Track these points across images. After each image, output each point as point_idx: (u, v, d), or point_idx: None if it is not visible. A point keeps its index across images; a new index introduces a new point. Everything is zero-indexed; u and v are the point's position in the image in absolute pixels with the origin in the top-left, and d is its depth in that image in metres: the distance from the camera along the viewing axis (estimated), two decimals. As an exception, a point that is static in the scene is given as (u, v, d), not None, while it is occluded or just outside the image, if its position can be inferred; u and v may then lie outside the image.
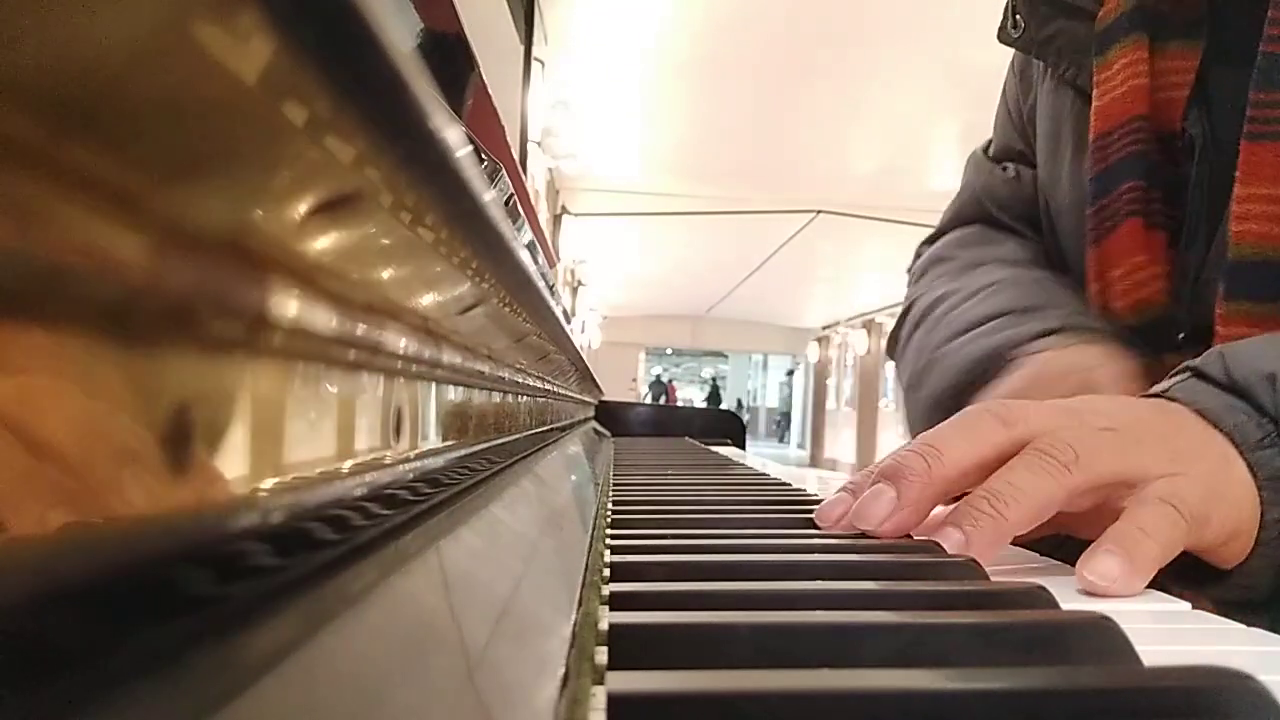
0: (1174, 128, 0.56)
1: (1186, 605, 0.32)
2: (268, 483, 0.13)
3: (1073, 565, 0.38)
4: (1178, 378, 0.41)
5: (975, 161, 0.78)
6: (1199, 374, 0.40)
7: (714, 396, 15.95)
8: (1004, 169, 0.74)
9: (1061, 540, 0.39)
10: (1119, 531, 0.33)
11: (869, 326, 10.46)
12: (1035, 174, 0.70)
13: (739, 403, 16.24)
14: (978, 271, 0.68)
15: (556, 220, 5.89)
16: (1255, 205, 0.48)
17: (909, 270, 0.79)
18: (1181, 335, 0.55)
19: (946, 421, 0.37)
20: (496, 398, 0.39)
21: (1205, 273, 0.53)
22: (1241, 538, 0.36)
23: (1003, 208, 0.74)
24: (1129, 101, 0.57)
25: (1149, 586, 0.33)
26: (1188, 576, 0.37)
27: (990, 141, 0.78)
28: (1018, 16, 0.64)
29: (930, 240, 0.79)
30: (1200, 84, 0.55)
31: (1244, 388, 0.38)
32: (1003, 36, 0.66)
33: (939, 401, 0.59)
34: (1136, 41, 0.57)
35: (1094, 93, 0.59)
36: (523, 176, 2.53)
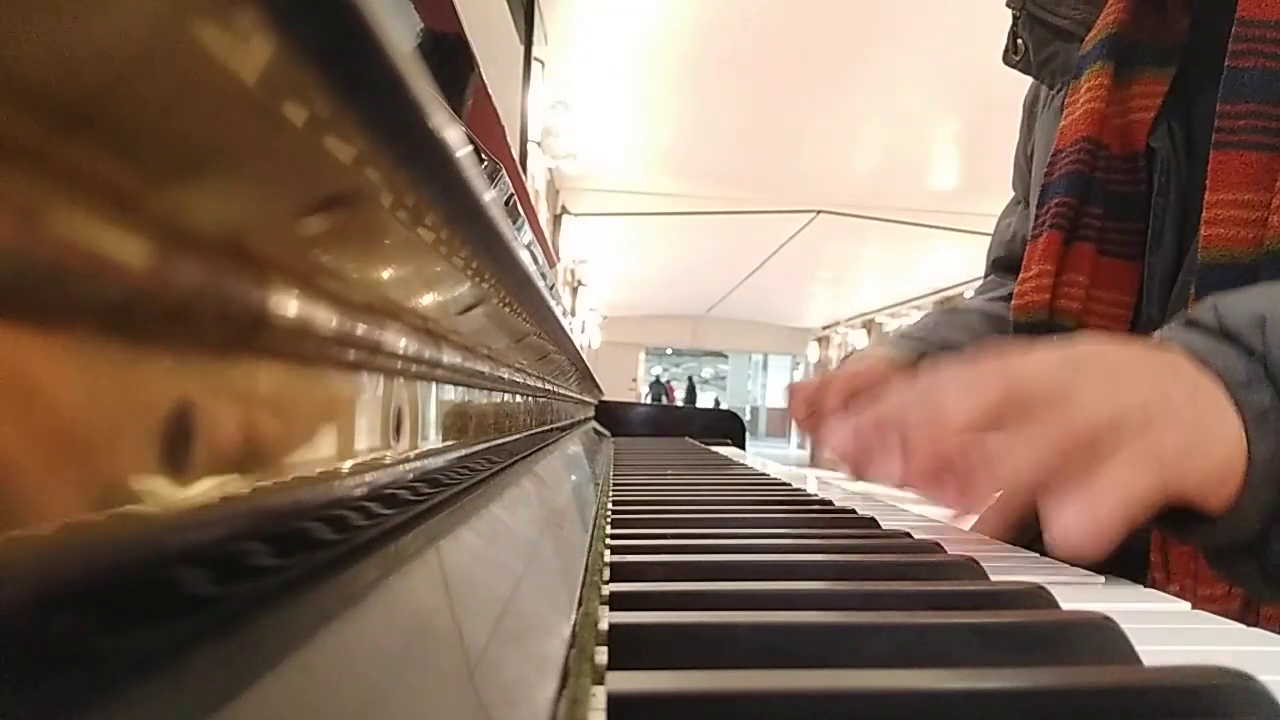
0: (1138, 147, 0.60)
1: (1186, 605, 0.32)
2: (268, 482, 0.13)
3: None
4: (1172, 327, 0.42)
5: (998, 222, 0.89)
6: (1191, 322, 0.41)
7: (690, 395, 15.91)
8: (1009, 223, 0.84)
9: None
10: (1084, 489, 0.33)
11: (869, 326, 10.45)
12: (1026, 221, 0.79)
13: (716, 401, 16.15)
14: (947, 310, 0.85)
15: (556, 220, 5.88)
16: (1222, 210, 0.50)
17: None
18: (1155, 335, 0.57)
19: (952, 371, 0.38)
20: (496, 398, 0.39)
21: (1184, 275, 0.56)
22: (1232, 480, 0.36)
23: (1005, 267, 0.85)
24: (1081, 124, 0.61)
25: (1144, 572, 0.33)
26: (1175, 522, 0.38)
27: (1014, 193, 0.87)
28: (1019, 40, 0.68)
29: None
30: (1175, 104, 0.59)
31: (1234, 331, 0.39)
32: (1007, 60, 0.71)
33: None
34: (1102, 68, 0.61)
35: (1063, 113, 0.64)
36: (522, 176, 2.53)
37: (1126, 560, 0.35)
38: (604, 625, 0.22)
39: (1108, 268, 0.60)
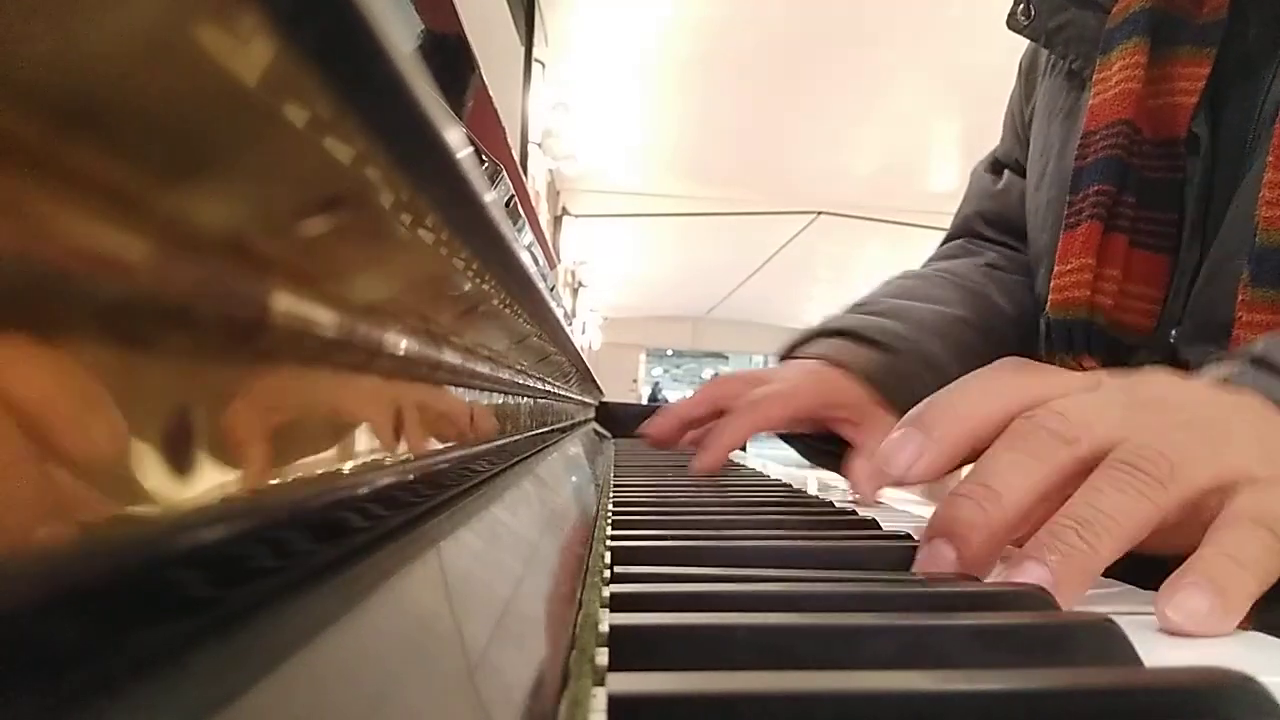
0: (1177, 132, 0.56)
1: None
2: (268, 484, 0.13)
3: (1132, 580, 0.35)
4: (1233, 367, 0.37)
5: (973, 177, 0.82)
6: (1261, 363, 0.37)
7: (653, 397, 15.74)
8: (996, 179, 0.78)
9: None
10: (1206, 561, 0.29)
11: (869, 327, 10.42)
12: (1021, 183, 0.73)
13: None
14: (911, 274, 0.78)
15: (557, 222, 5.89)
16: None
17: None
18: (1174, 332, 0.55)
19: (999, 442, 0.33)
20: (497, 399, 0.39)
21: (1208, 267, 0.53)
22: None
23: (989, 221, 0.79)
24: (1117, 104, 0.57)
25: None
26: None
27: (992, 153, 0.80)
28: (1029, 4, 0.65)
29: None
30: (1209, 89, 0.55)
31: None
32: (1012, 23, 0.67)
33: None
34: (1137, 45, 0.57)
35: (1091, 90, 0.60)
36: (523, 178, 2.54)
37: (1149, 566, 0.32)
38: (604, 627, 0.22)
39: (1139, 260, 0.57)
